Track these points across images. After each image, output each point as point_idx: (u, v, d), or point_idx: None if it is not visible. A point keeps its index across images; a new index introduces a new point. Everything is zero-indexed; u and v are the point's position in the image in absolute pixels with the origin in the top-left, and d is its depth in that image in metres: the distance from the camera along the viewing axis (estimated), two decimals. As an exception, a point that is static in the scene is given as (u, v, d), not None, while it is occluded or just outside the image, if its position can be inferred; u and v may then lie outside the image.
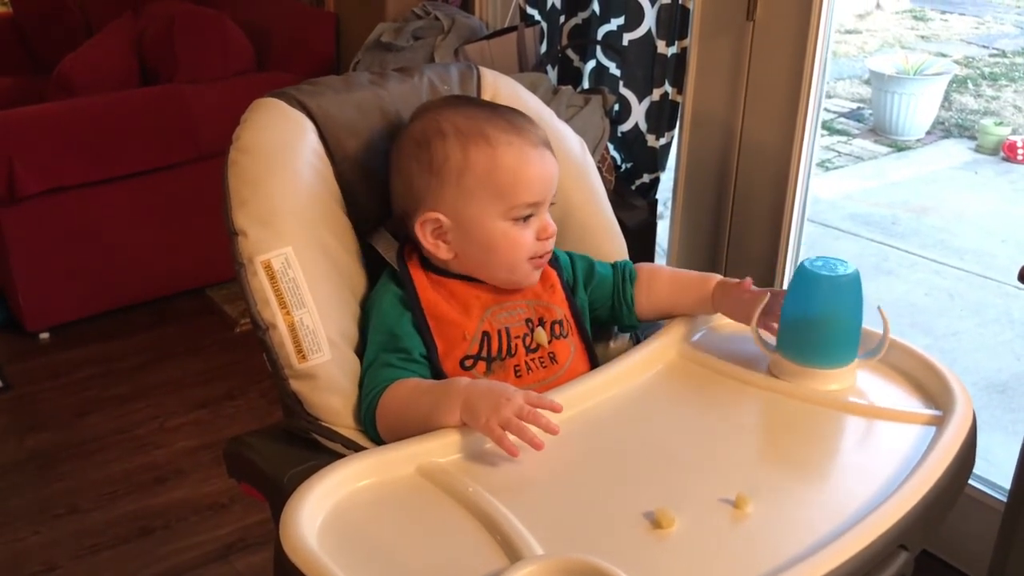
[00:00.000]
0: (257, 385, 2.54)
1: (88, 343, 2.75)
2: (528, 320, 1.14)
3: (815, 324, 1.07)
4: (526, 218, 1.10)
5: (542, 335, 1.13)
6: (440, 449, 0.98)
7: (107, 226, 2.76)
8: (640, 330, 1.27)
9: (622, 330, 1.28)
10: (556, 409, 1.00)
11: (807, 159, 1.95)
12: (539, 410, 0.98)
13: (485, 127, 1.09)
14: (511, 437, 0.96)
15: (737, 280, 1.16)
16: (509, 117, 1.12)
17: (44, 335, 2.76)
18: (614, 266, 1.24)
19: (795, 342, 1.09)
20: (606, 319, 1.24)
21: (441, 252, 1.11)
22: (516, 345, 1.12)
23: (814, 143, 1.96)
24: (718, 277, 1.19)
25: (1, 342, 2.74)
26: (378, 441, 1.05)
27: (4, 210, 2.58)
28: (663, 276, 1.23)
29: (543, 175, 1.10)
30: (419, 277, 1.13)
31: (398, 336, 1.09)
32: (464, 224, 1.10)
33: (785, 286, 2.02)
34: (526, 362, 1.12)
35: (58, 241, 2.69)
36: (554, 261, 1.19)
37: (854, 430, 1.03)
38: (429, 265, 1.14)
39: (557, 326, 1.15)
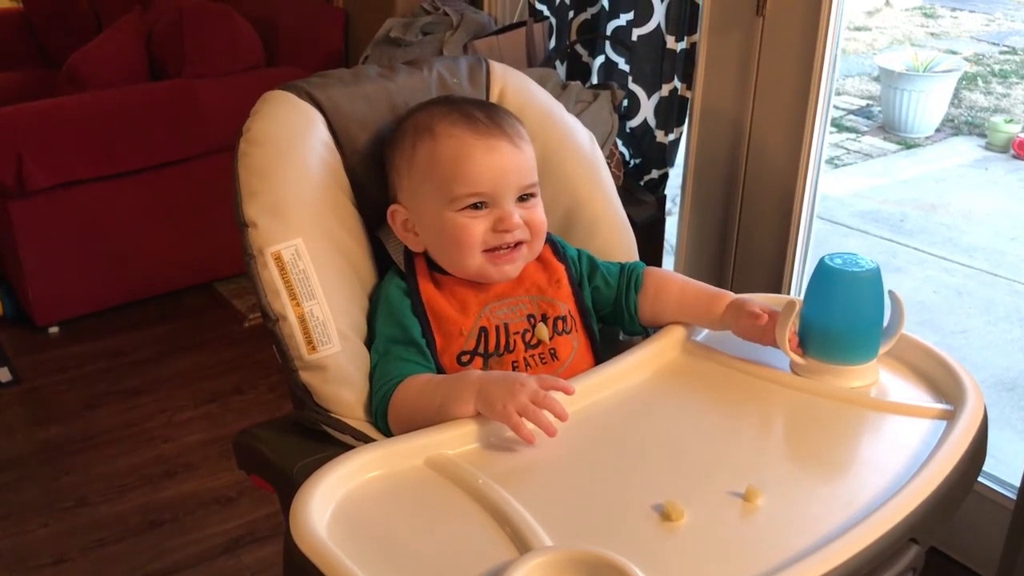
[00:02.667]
0: (266, 379, 2.54)
1: (97, 337, 2.75)
2: (530, 316, 1.13)
3: (837, 321, 1.06)
4: (477, 207, 1.08)
5: (543, 331, 1.13)
6: (449, 441, 0.98)
7: (116, 220, 2.77)
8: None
9: (626, 334, 1.26)
10: (569, 392, 1.00)
11: (816, 156, 1.95)
12: (552, 395, 0.98)
13: (437, 122, 1.10)
14: (528, 424, 0.96)
15: (751, 304, 1.12)
16: (467, 111, 1.11)
17: (53, 329, 2.77)
18: (621, 270, 1.22)
19: (818, 340, 1.08)
20: (610, 322, 1.23)
21: (411, 243, 1.13)
22: (515, 341, 1.11)
23: (823, 140, 1.95)
24: (730, 296, 1.15)
25: (11, 336, 2.75)
26: (388, 434, 1.05)
27: (14, 204, 2.59)
28: (672, 288, 1.19)
29: (488, 167, 1.08)
30: (423, 274, 1.13)
31: (407, 327, 1.09)
32: (419, 215, 1.12)
33: (793, 282, 2.04)
34: (525, 358, 1.12)
35: (67, 235, 2.70)
36: (563, 256, 1.19)
37: (865, 424, 1.03)
38: (433, 265, 1.14)
39: (560, 322, 1.15)
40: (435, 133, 1.09)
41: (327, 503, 0.89)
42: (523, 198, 1.11)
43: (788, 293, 2.05)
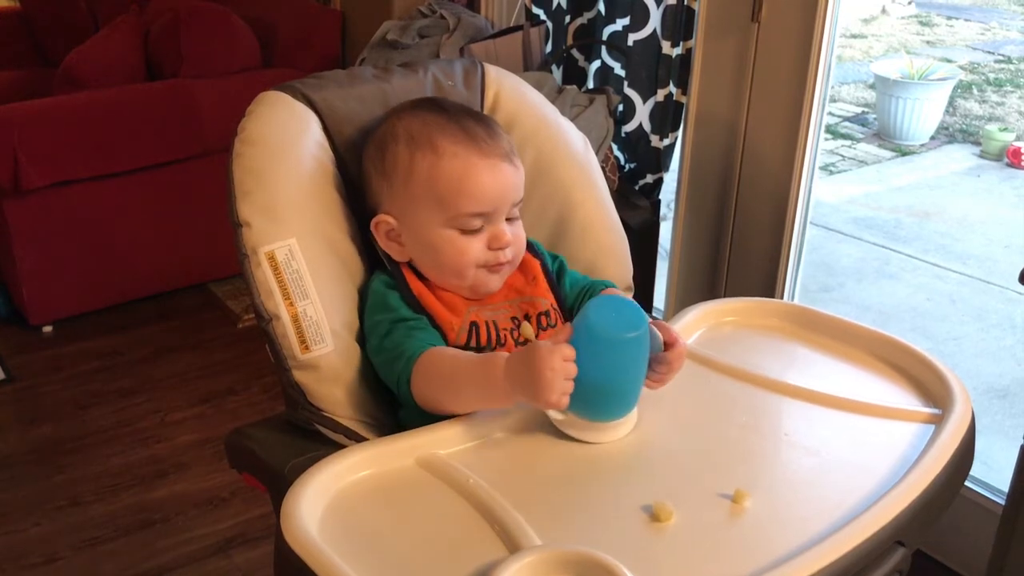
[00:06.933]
0: (259, 380, 2.54)
1: (91, 337, 2.75)
2: (514, 318, 1.14)
3: (602, 383, 0.97)
4: (475, 228, 1.09)
5: (528, 329, 1.12)
6: (440, 441, 0.98)
7: (111, 220, 2.77)
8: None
9: None
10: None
11: (810, 161, 1.96)
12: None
13: (436, 134, 1.08)
14: None
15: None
16: (466, 124, 1.10)
17: (47, 328, 2.77)
18: (586, 283, 1.20)
19: (579, 397, 0.96)
20: None
21: (395, 253, 1.13)
22: (505, 336, 1.12)
23: (817, 145, 1.96)
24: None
25: (4, 335, 2.75)
26: (410, 402, 1.04)
27: (9, 203, 2.59)
28: None
29: (492, 187, 1.08)
30: (408, 273, 1.13)
31: (400, 309, 1.09)
32: (410, 228, 1.10)
33: (787, 288, 2.04)
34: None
35: (62, 235, 2.70)
36: (536, 252, 1.19)
37: (853, 427, 1.04)
38: (417, 272, 1.14)
39: (544, 317, 1.15)
40: (437, 149, 1.08)
41: (318, 501, 0.89)
42: (508, 216, 1.11)
43: (781, 299, 2.06)
